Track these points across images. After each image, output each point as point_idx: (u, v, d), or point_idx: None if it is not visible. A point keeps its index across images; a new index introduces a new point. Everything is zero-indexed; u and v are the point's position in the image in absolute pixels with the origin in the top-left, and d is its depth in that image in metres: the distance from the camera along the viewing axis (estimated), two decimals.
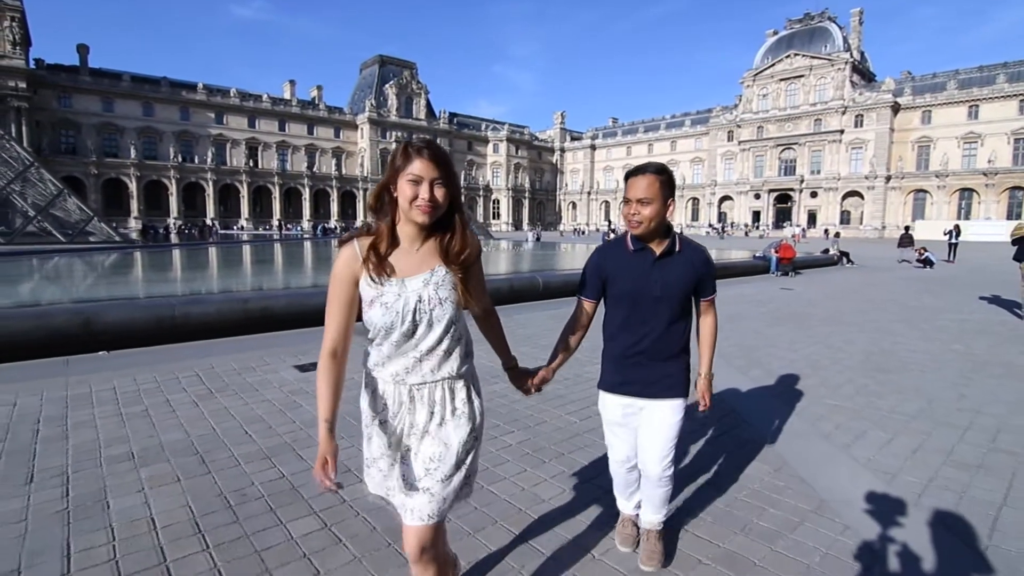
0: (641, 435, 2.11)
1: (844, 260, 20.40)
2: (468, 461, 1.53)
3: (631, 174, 1.99)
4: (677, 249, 2.02)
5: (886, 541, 2.39)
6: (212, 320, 6.18)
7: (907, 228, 25.05)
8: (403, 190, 1.39)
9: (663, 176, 1.93)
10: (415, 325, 1.42)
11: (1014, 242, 10.14)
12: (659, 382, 2.04)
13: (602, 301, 2.17)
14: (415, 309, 1.42)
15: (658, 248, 2.00)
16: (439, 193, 1.40)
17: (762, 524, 2.53)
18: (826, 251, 21.99)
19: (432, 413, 1.48)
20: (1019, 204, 54.33)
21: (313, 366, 5.12)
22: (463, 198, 1.58)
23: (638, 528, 2.31)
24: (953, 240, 22.94)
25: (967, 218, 54.09)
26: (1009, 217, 52.90)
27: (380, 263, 1.42)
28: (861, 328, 7.62)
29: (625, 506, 2.37)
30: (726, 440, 3.55)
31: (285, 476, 2.93)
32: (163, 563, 2.18)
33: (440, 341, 1.45)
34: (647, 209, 1.92)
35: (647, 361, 2.04)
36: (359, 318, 1.50)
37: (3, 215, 23.74)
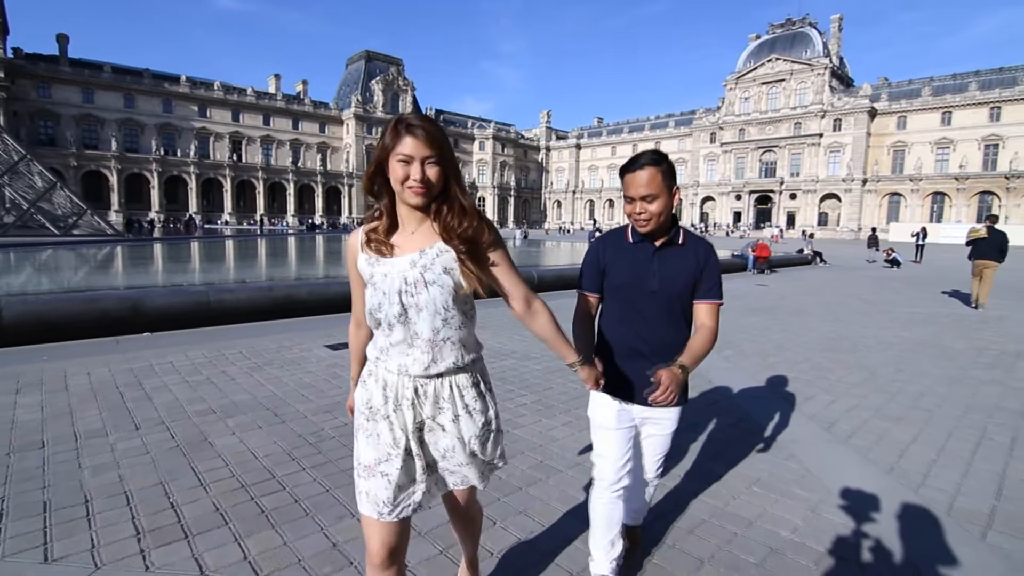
0: (639, 443, 2.02)
1: (817, 259, 21.46)
2: (487, 451, 1.52)
3: (626, 169, 1.77)
4: (680, 241, 1.85)
5: (818, 464, 3.16)
6: (243, 306, 6.82)
7: (873, 230, 26.26)
8: (394, 170, 1.32)
9: (663, 166, 1.73)
10: (404, 308, 1.37)
11: (968, 243, 11.27)
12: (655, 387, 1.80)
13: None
14: (400, 291, 1.36)
15: (659, 239, 1.84)
16: (432, 173, 1.32)
17: (727, 455, 3.29)
18: (801, 251, 23.06)
19: (440, 407, 1.43)
20: (988, 208, 56.18)
21: (343, 346, 5.78)
22: None
23: None
24: (920, 242, 24.16)
25: (939, 221, 55.84)
26: (978, 220, 54.84)
27: (380, 242, 1.41)
28: (823, 318, 8.48)
29: (602, 564, 2.00)
30: (697, 400, 4.29)
31: (347, 424, 3.61)
32: (274, 477, 2.87)
33: (433, 328, 1.38)
34: (654, 205, 1.73)
35: (642, 363, 1.82)
36: None
37: None
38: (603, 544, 1.98)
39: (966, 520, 2.60)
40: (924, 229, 25.26)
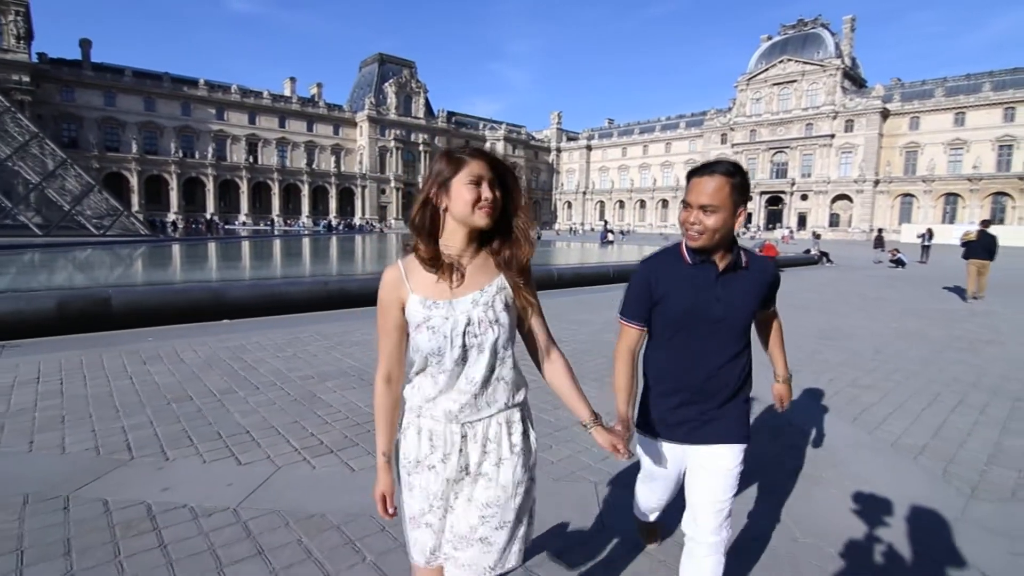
0: (692, 486, 1.74)
1: (824, 260, 22.12)
2: (528, 503, 1.43)
3: (696, 172, 1.64)
4: (744, 264, 1.70)
5: (796, 419, 4.01)
6: (304, 298, 7.77)
7: (880, 231, 26.89)
8: (462, 195, 1.29)
9: (735, 179, 1.58)
10: (465, 350, 1.31)
11: (962, 244, 12.17)
12: (716, 423, 1.70)
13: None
14: (464, 332, 1.31)
15: (721, 262, 1.67)
16: (498, 193, 1.32)
17: None
18: (808, 251, 23.73)
19: (486, 452, 1.37)
20: (1002, 209, 56.24)
21: None
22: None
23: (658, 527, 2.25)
24: (926, 243, 24.73)
25: (952, 222, 55.69)
26: (992, 222, 54.70)
27: (448, 271, 1.33)
28: (820, 312, 9.29)
29: (645, 519, 2.17)
30: None
31: None
32: None
33: (492, 368, 1.34)
34: (712, 219, 1.58)
35: (702, 399, 1.70)
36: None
37: (36, 209, 25.02)
38: (647, 517, 2.14)
39: (903, 450, 3.45)
40: (930, 230, 25.83)
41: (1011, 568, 2.27)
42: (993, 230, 12.39)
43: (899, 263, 20.77)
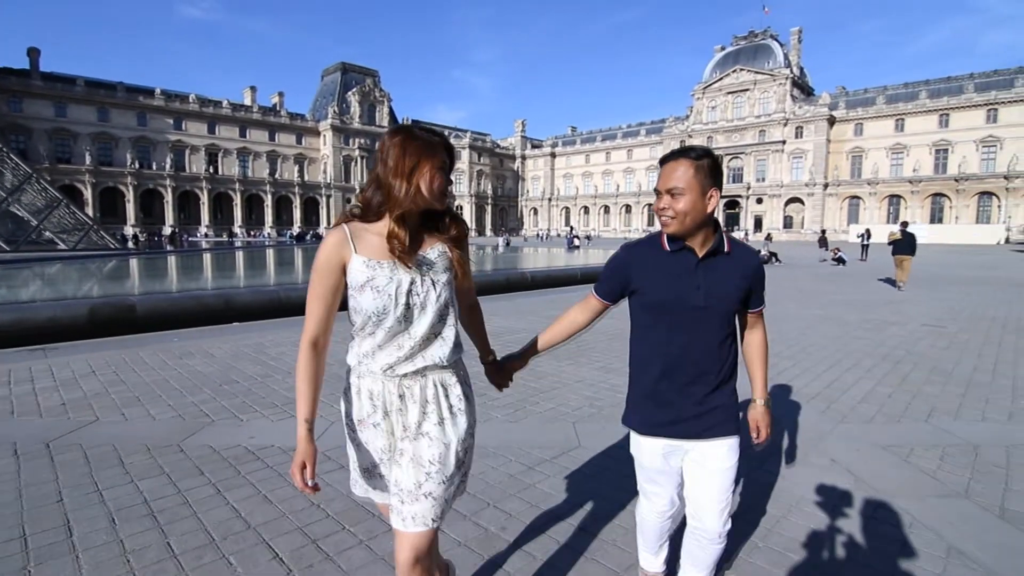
0: (692, 485, 1.74)
1: (773, 259, 23.84)
2: (467, 460, 1.51)
3: (665, 159, 1.64)
4: (726, 249, 1.66)
5: None
6: (304, 301, 8.53)
7: (823, 231, 28.99)
8: (432, 178, 1.38)
9: (701, 161, 1.58)
10: (409, 309, 1.39)
11: (889, 243, 13.92)
12: (707, 416, 1.68)
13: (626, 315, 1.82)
14: (408, 291, 1.39)
15: (701, 248, 1.64)
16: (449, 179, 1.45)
17: None
18: (758, 252, 25.48)
19: (425, 413, 1.44)
20: (940, 209, 60.23)
21: None
22: None
23: None
24: (865, 242, 26.83)
25: (896, 222, 59.27)
26: (932, 221, 58.49)
27: (404, 244, 1.39)
28: None
29: (651, 563, 2.02)
30: None
31: None
32: None
33: (433, 326, 1.42)
34: (680, 202, 1.57)
35: (689, 390, 1.68)
36: (343, 307, 1.46)
37: (3, 224, 24.72)
38: (654, 549, 1.99)
39: (802, 396, 4.61)
40: (868, 230, 28.14)
41: (857, 458, 3.39)
42: (934, 228, 14.26)
43: (840, 261, 22.58)
